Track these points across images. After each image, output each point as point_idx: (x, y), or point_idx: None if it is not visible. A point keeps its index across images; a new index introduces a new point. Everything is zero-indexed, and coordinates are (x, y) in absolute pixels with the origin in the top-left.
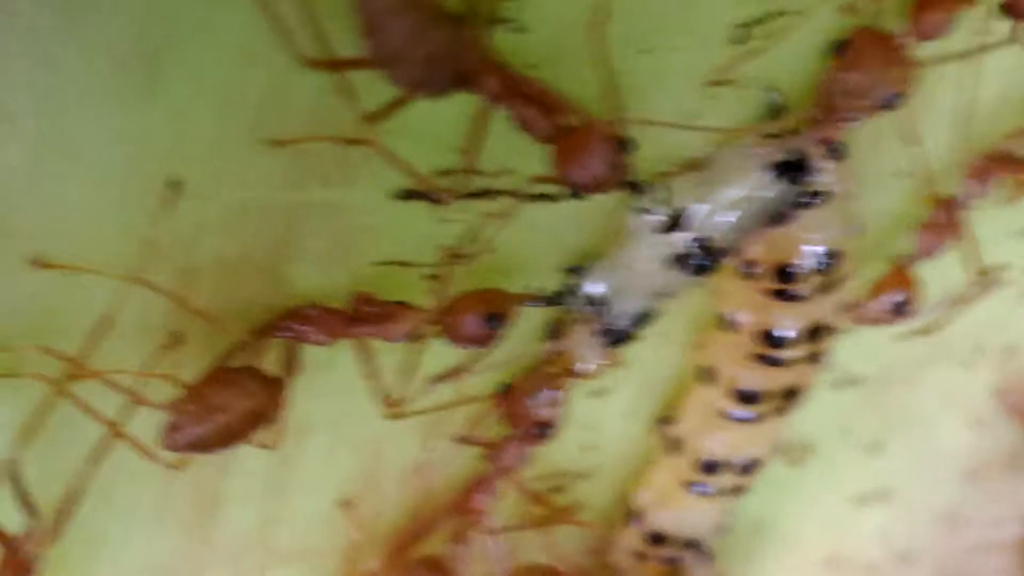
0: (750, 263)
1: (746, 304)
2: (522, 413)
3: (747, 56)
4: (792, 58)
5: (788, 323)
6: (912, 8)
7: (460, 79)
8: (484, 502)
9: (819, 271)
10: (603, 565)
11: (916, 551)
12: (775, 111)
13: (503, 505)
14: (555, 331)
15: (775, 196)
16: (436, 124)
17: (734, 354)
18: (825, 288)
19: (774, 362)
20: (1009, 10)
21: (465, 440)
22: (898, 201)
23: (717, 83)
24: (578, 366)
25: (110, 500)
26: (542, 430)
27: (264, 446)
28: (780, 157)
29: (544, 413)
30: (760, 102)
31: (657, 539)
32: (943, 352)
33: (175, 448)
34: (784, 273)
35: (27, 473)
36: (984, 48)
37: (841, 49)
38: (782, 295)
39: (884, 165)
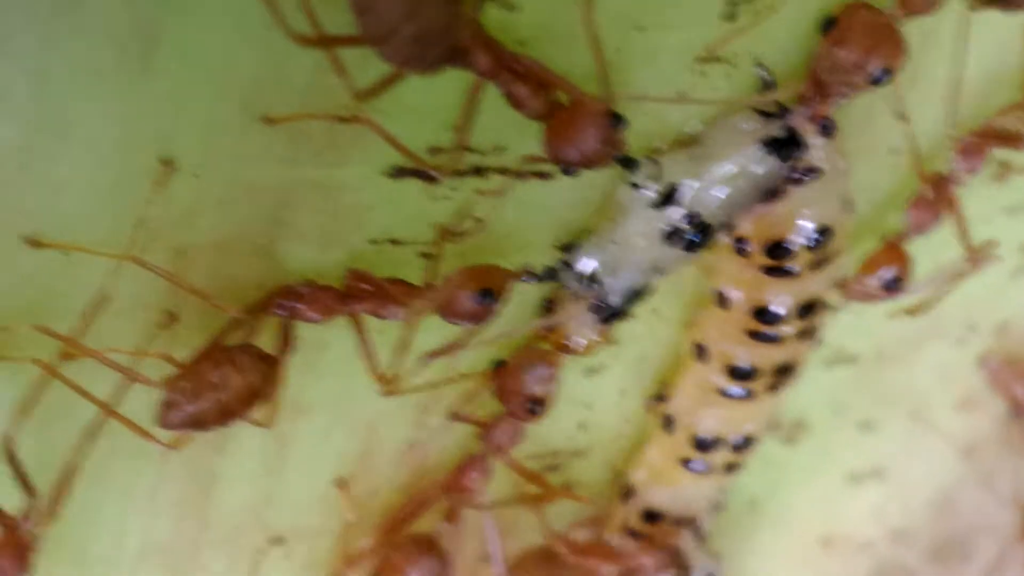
0: (741, 239)
1: (738, 281)
2: (515, 390)
3: (737, 33)
4: (782, 34)
5: (780, 300)
6: None
7: (451, 56)
8: (477, 480)
9: (810, 248)
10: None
11: (911, 529)
12: (765, 87)
13: (496, 483)
14: (548, 308)
15: (766, 172)
16: (428, 101)
17: (727, 331)
18: (816, 265)
19: (767, 339)
20: None
21: (458, 418)
22: (889, 177)
23: (707, 60)
24: (571, 343)
25: (106, 480)
26: (535, 407)
27: (259, 425)
28: (771, 133)
29: (537, 390)
30: (750, 79)
31: (651, 517)
32: (936, 330)
33: (170, 426)
34: (776, 250)
35: (23, 452)
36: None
37: (830, 25)
38: (774, 272)
39: (875, 141)
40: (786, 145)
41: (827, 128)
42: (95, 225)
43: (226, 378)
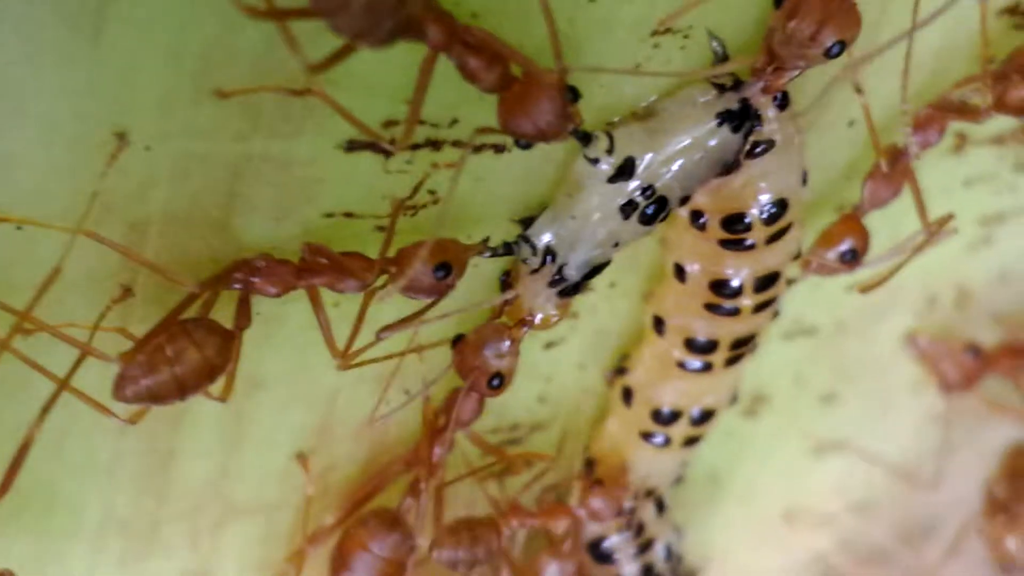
0: (698, 212)
1: (695, 254)
2: (474, 364)
3: (692, 5)
4: (736, 6)
5: (737, 272)
6: None
7: (403, 28)
8: (438, 455)
9: (767, 220)
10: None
11: (873, 503)
12: (720, 60)
13: (457, 456)
14: (506, 282)
15: (721, 145)
16: (381, 74)
17: (685, 304)
18: (773, 237)
19: (725, 311)
20: None
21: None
22: (847, 150)
23: (662, 32)
24: (530, 316)
25: (63, 454)
26: (495, 381)
27: (216, 399)
28: (726, 106)
29: (496, 364)
30: (705, 51)
31: None
32: (896, 302)
33: (126, 400)
34: (732, 222)
35: None
36: None
37: None
38: (731, 244)
39: (832, 114)
40: (741, 118)
41: (782, 101)
42: (48, 199)
43: (182, 352)
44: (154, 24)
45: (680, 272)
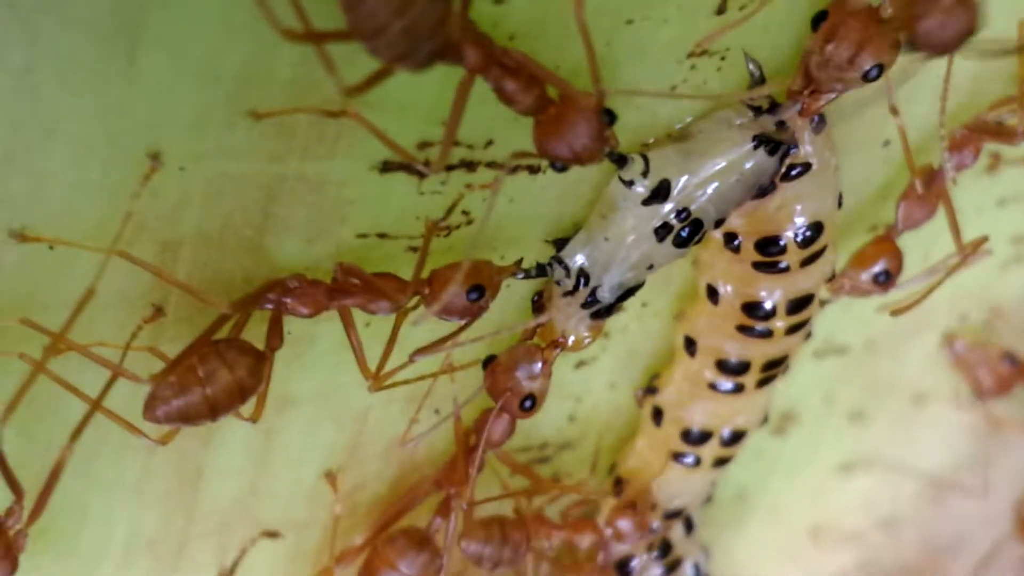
0: (732, 235)
1: (729, 276)
2: (507, 386)
3: (728, 27)
4: (773, 29)
5: (770, 295)
6: None
7: (440, 51)
8: (468, 475)
9: (800, 243)
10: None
11: (900, 518)
12: (756, 82)
13: (486, 476)
14: (539, 303)
15: (756, 168)
16: (417, 96)
17: (717, 325)
18: (807, 260)
19: (757, 333)
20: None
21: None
22: (882, 170)
23: (698, 54)
24: (562, 338)
25: (93, 473)
26: (527, 403)
27: (246, 419)
28: (762, 129)
29: (529, 386)
30: (741, 74)
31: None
32: (927, 321)
33: (157, 420)
34: (766, 245)
35: (8, 447)
36: None
37: (821, 20)
38: (764, 267)
39: (867, 135)
40: (776, 141)
41: (817, 123)
42: (81, 219)
43: (214, 373)
44: (189, 46)
45: (713, 293)
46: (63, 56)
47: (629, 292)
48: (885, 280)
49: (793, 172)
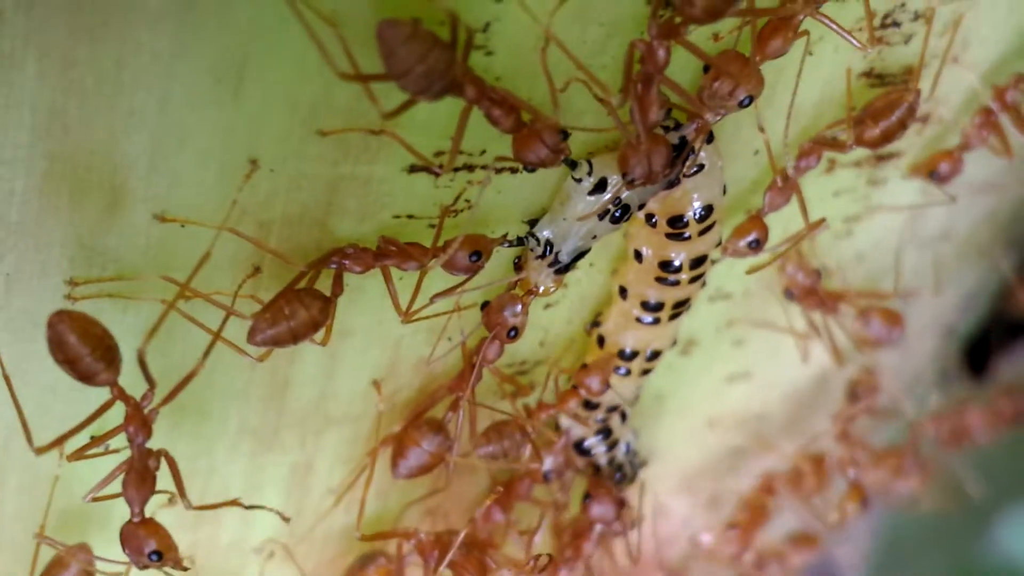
0: (650, 215)
1: (649, 242)
2: (497, 321)
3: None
4: (676, 73)
5: (678, 255)
6: (758, 38)
7: (449, 88)
8: (471, 383)
9: (698, 219)
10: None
11: (768, 414)
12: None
13: (484, 384)
14: (518, 264)
15: None
16: (434, 119)
17: (641, 277)
18: (703, 231)
19: (668, 283)
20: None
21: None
22: (753, 171)
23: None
24: (535, 288)
25: (213, 383)
26: (511, 333)
27: (318, 343)
28: (670, 141)
29: (512, 321)
30: None
31: (590, 405)
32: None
33: (256, 344)
34: (674, 221)
35: (152, 366)
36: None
37: (708, 67)
38: (673, 236)
39: (743, 147)
40: (680, 149)
41: (709, 137)
42: (204, 205)
43: (295, 311)
44: (278, 82)
45: (638, 255)
46: (190, 89)
47: (580, 255)
48: (756, 246)
49: (692, 171)
